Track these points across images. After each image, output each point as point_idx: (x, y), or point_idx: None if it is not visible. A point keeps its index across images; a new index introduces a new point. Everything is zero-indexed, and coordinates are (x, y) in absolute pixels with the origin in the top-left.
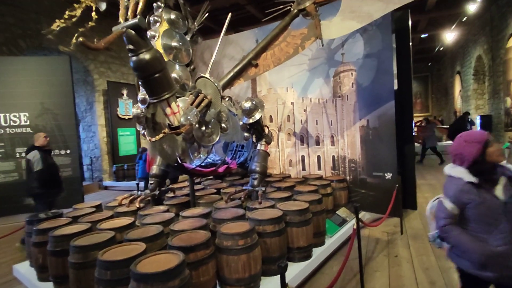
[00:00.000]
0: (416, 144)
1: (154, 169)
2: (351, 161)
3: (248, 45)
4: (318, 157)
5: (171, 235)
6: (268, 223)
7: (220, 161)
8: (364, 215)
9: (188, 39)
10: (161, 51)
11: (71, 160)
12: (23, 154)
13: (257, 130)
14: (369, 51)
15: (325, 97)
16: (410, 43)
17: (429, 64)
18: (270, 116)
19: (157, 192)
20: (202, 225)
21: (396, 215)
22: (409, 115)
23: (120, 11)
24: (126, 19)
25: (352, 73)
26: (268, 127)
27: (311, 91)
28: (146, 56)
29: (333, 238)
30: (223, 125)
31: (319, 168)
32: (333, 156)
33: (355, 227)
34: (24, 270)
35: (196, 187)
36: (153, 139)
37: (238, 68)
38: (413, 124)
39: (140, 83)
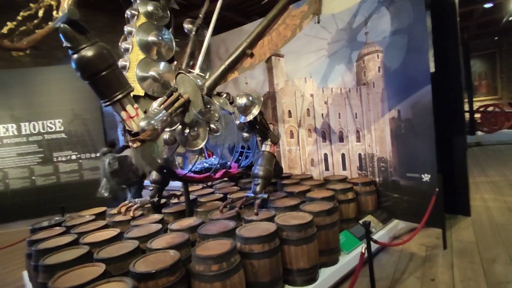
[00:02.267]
0: (479, 132)
1: (154, 175)
2: (380, 160)
3: None
4: (343, 155)
5: (145, 254)
6: (255, 241)
7: (218, 166)
8: (397, 224)
9: (193, 32)
10: (137, 47)
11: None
12: (60, 158)
13: (260, 129)
14: (397, 27)
15: (347, 85)
16: (457, 9)
17: (496, 38)
18: (289, 111)
19: (156, 199)
20: (181, 242)
21: (437, 225)
22: (458, 100)
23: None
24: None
25: (378, 55)
26: (273, 125)
27: (332, 80)
28: (88, 52)
29: (351, 254)
30: (212, 126)
31: (344, 168)
32: (360, 154)
33: (363, 250)
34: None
35: (204, 191)
36: (134, 145)
37: (230, 60)
38: (470, 111)
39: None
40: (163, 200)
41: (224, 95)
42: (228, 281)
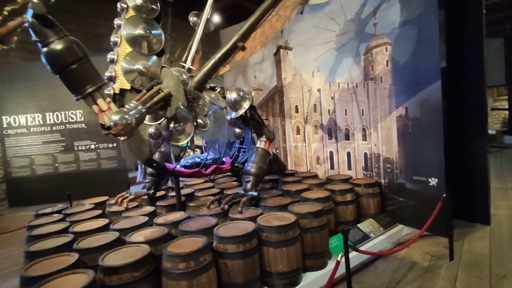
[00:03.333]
0: None
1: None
2: (386, 160)
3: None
4: (348, 154)
5: (120, 247)
6: (230, 241)
7: (210, 161)
8: (401, 230)
9: (201, 26)
10: (124, 41)
11: (116, 152)
12: (80, 147)
13: (253, 125)
14: (407, 17)
15: (355, 80)
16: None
17: None
18: (296, 106)
19: (151, 192)
20: (156, 237)
21: (443, 233)
22: (480, 99)
23: None
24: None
25: (386, 48)
26: (269, 121)
27: (339, 74)
28: (57, 46)
29: (342, 259)
30: (199, 121)
31: (349, 167)
32: (365, 154)
33: (339, 258)
34: None
35: (204, 185)
36: (121, 139)
37: (221, 53)
38: (510, 108)
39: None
40: (162, 193)
41: (218, 89)
42: (194, 280)
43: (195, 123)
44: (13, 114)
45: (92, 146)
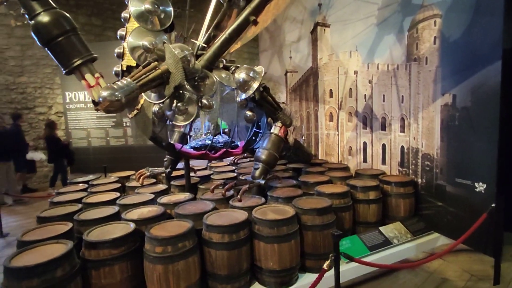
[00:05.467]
0: None
1: None
2: (425, 156)
3: (312, 3)
4: (383, 146)
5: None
6: (215, 230)
7: (221, 144)
8: (437, 239)
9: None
10: (131, 17)
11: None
12: (127, 124)
13: (267, 108)
14: None
15: (396, 61)
16: None
17: None
18: (330, 90)
19: (167, 170)
20: (151, 216)
21: (488, 251)
22: None
23: None
24: None
25: (435, 22)
26: (286, 104)
27: (379, 54)
28: (43, 18)
29: (352, 264)
30: (204, 101)
31: (384, 162)
32: (402, 148)
33: (325, 267)
34: None
35: (225, 168)
36: (130, 116)
37: (231, 29)
38: None
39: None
40: (181, 172)
41: (232, 68)
42: (170, 266)
43: (199, 103)
44: (74, 91)
45: None
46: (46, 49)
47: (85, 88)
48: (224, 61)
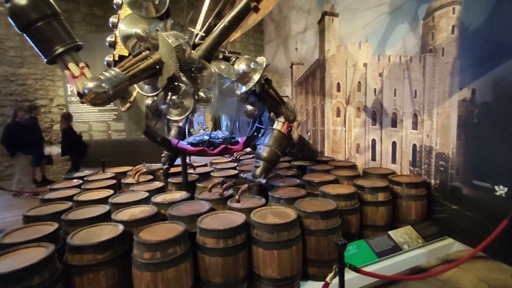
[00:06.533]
0: None
1: None
2: (439, 156)
3: None
4: (393, 144)
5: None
6: (209, 234)
7: (220, 140)
8: (451, 245)
9: None
10: (124, 3)
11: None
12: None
13: (269, 101)
14: None
15: (409, 53)
16: None
17: None
18: (338, 84)
19: (165, 167)
20: (142, 217)
21: (508, 260)
22: None
23: None
24: None
25: (453, 9)
26: (289, 98)
27: (390, 44)
28: (21, 0)
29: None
30: (201, 94)
31: (394, 160)
32: (414, 146)
33: (328, 279)
34: None
35: (227, 165)
36: (122, 109)
37: (231, 16)
38: None
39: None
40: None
41: (233, 59)
42: (159, 274)
43: (196, 97)
44: None
45: None
46: (25, 35)
47: (69, 79)
48: (226, 52)
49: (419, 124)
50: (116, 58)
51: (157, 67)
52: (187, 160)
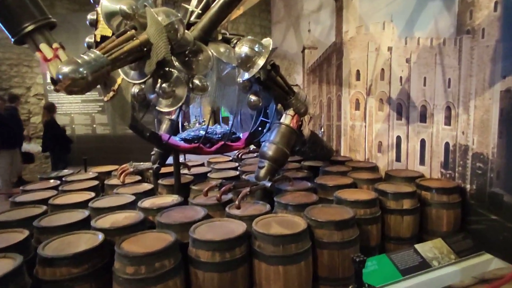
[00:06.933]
0: None
1: None
2: (477, 156)
3: None
4: (422, 142)
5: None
6: (203, 246)
7: (219, 136)
8: (489, 262)
9: None
10: None
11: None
12: None
13: (275, 91)
14: None
15: (442, 35)
16: None
17: None
18: (357, 72)
19: (155, 166)
20: (126, 225)
21: None
22: None
23: None
24: None
25: None
26: (300, 87)
27: (420, 25)
28: None
29: None
30: (196, 81)
31: (422, 161)
32: (447, 144)
33: None
34: None
35: (226, 165)
36: (105, 99)
37: None
38: None
39: None
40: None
41: (234, 41)
42: None
43: (190, 85)
44: None
45: None
46: None
47: (41, 62)
48: (227, 33)
49: (453, 119)
50: (98, 39)
51: (145, 49)
52: (181, 159)
